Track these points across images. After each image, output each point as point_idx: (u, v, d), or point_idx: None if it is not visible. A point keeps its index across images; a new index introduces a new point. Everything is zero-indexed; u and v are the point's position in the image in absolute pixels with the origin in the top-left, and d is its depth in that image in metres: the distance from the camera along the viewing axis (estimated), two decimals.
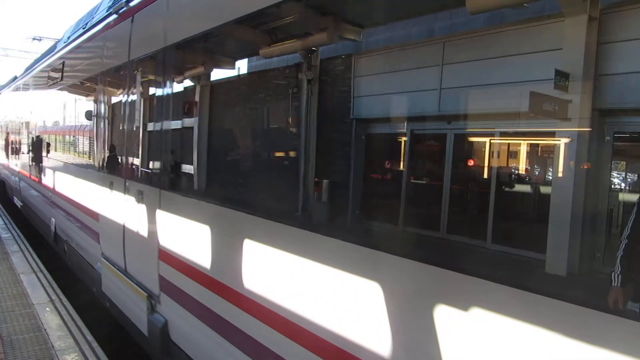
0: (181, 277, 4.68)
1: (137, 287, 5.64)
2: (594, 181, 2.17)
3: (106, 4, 7.50)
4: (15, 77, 17.28)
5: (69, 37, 9.68)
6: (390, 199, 3.10)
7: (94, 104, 7.95)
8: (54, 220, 10.18)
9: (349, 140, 3.19)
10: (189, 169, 5.15)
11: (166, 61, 5.16)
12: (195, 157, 4.94)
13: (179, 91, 5.23)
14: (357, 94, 3.16)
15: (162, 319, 5.08)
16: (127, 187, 5.98)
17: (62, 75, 9.45)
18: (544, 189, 2.55)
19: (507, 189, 2.66)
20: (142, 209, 5.50)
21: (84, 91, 8.71)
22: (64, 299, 7.56)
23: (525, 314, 2.04)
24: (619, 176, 2.25)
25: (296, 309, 3.26)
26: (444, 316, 2.35)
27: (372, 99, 3.22)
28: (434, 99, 2.79)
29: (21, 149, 14.81)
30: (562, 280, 2.13)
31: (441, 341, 2.36)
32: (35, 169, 12.14)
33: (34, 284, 8.25)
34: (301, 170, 3.40)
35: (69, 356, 5.58)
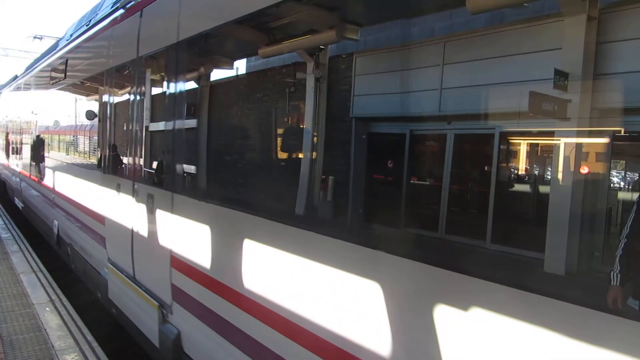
0: (196, 286, 4.45)
1: (148, 296, 5.41)
2: (593, 181, 2.17)
3: (111, 0, 7.34)
4: (16, 76, 17.13)
5: (72, 35, 9.50)
6: (393, 199, 3.07)
7: (100, 102, 7.71)
8: (57, 222, 9.99)
9: (349, 139, 3.16)
10: (205, 172, 4.92)
11: (179, 57, 4.88)
12: (211, 159, 4.71)
13: (192, 88, 4.97)
14: (356, 93, 3.14)
15: (175, 330, 4.86)
16: (135, 190, 5.75)
17: (65, 73, 9.25)
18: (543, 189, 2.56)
19: (507, 189, 2.66)
20: (152, 213, 5.28)
21: (89, 89, 8.48)
22: (64, 299, 7.56)
23: (524, 314, 2.04)
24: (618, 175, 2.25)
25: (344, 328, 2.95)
26: (444, 316, 2.35)
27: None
28: (434, 99, 2.79)
29: (22, 149, 14.67)
30: (561, 279, 2.13)
31: (441, 341, 2.36)
32: (38, 170, 11.90)
33: (34, 283, 8.26)
34: (313, 171, 3.33)
35: (69, 356, 5.58)
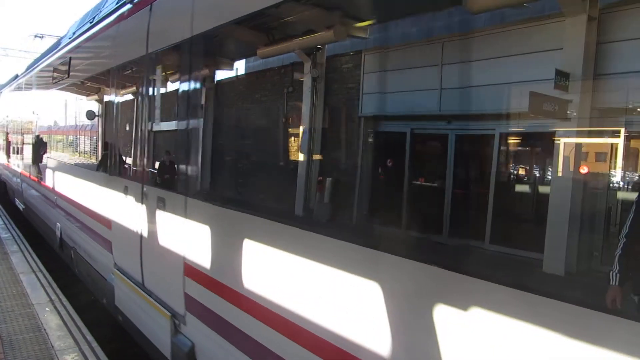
0: (212, 296, 4.23)
1: (159, 305, 5.17)
2: (592, 180, 2.17)
3: None
4: (16, 76, 17.00)
5: (75, 33, 9.33)
6: (398, 199, 3.06)
7: (105, 101, 7.49)
8: (60, 225, 9.76)
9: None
10: (220, 174, 4.71)
11: (193, 52, 4.62)
12: (227, 161, 4.53)
13: (206, 85, 4.74)
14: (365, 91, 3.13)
15: (189, 342, 4.63)
16: (145, 193, 5.49)
17: (68, 72, 9.03)
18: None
19: (507, 189, 2.66)
20: (163, 218, 5.03)
21: (94, 88, 8.24)
22: (64, 299, 7.56)
23: (524, 314, 2.04)
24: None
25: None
26: (444, 316, 2.35)
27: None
28: (435, 99, 2.80)
29: (24, 149, 14.52)
30: (560, 279, 2.13)
31: (441, 341, 2.36)
32: (40, 171, 11.67)
33: (34, 284, 8.27)
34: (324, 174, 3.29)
35: (69, 356, 5.59)
